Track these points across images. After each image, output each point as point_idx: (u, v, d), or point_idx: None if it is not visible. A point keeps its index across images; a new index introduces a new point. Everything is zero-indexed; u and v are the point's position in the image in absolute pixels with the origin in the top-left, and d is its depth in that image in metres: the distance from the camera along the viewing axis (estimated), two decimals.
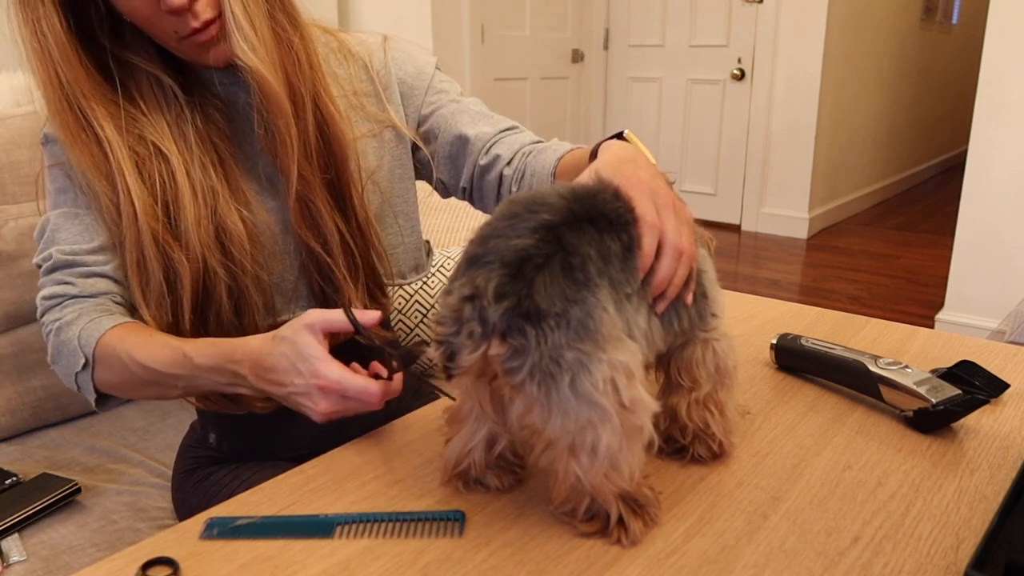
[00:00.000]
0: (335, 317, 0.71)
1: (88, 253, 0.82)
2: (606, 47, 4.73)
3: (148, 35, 0.79)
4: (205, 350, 0.76)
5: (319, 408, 0.71)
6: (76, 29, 0.77)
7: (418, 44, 1.00)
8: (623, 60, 4.72)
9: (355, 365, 0.73)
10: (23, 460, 1.18)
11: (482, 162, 0.93)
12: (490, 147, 0.93)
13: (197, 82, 0.84)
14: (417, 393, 1.07)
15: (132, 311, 0.83)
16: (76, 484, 1.07)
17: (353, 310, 0.72)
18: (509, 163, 0.92)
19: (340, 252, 0.87)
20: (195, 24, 0.75)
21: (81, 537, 1.00)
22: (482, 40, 3.75)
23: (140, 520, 1.05)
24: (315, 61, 0.84)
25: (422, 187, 1.04)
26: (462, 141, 0.94)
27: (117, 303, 0.83)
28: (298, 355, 0.70)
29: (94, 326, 0.79)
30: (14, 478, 1.08)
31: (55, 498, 1.04)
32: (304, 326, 0.71)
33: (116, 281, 0.83)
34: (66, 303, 0.81)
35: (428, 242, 1.06)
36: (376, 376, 0.73)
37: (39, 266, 0.84)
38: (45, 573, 0.94)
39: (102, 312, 0.81)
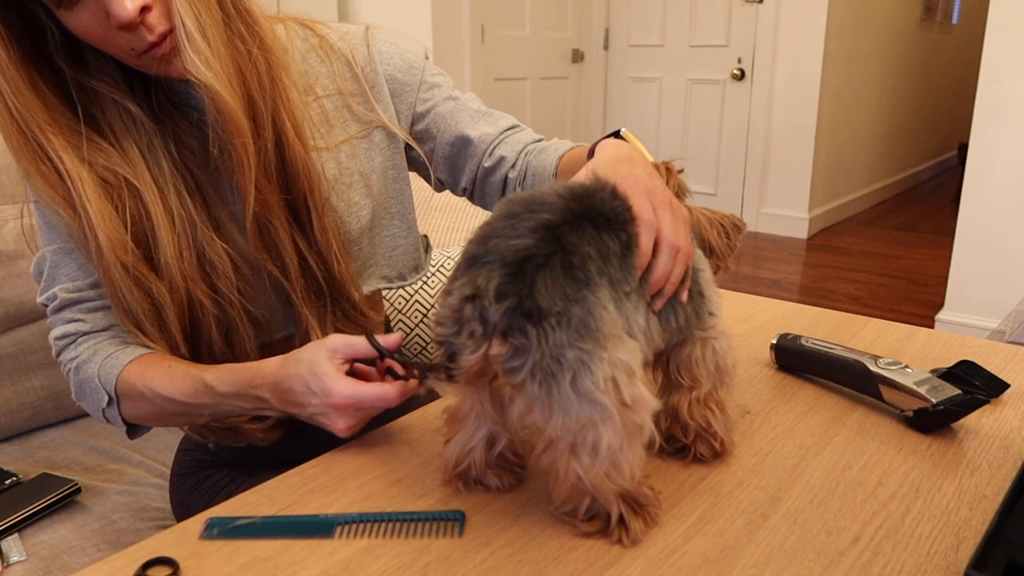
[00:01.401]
0: (357, 342, 0.71)
1: (91, 288, 0.81)
2: (606, 47, 4.73)
3: (108, 55, 0.74)
4: (225, 377, 0.75)
5: (338, 426, 0.71)
6: (32, 56, 0.73)
7: (416, 42, 0.98)
8: (623, 60, 4.73)
9: (360, 367, 0.73)
10: (23, 460, 1.18)
11: (486, 164, 0.92)
12: (493, 149, 0.92)
13: (169, 104, 0.80)
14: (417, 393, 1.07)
15: None
16: (76, 484, 1.07)
17: (375, 336, 0.71)
18: (513, 165, 0.91)
19: (300, 277, 0.83)
20: (151, 38, 0.70)
21: (81, 537, 1.00)
22: (482, 40, 3.75)
23: (140, 520, 1.05)
24: (276, 74, 0.78)
25: (424, 188, 1.03)
26: (463, 142, 0.93)
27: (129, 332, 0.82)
28: (311, 375, 0.70)
29: (112, 362, 0.78)
30: (14, 478, 1.08)
31: (55, 498, 1.04)
32: (324, 348, 0.71)
33: None
34: (80, 340, 0.81)
35: (426, 237, 1.05)
36: (389, 370, 0.73)
37: (45, 305, 0.83)
38: (45, 573, 0.94)
39: (117, 345, 0.80)
